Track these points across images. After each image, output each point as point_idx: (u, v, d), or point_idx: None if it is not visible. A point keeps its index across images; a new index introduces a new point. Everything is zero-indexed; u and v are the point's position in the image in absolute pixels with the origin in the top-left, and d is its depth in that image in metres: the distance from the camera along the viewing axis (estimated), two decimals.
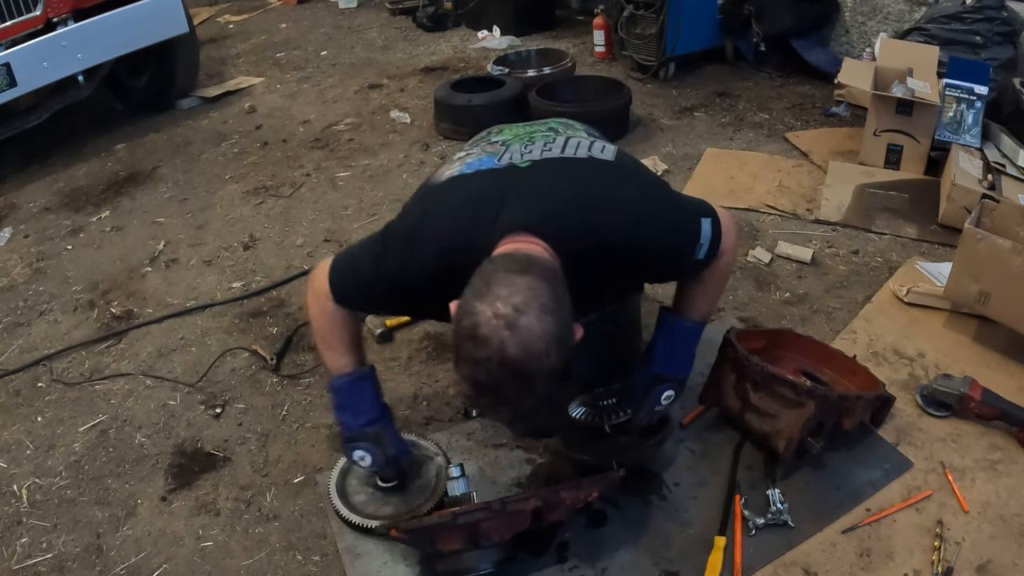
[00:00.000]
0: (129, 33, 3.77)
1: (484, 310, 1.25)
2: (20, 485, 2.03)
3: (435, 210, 1.57)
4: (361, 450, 1.69)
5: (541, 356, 1.26)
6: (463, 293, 1.31)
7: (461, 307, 1.29)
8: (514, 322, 1.24)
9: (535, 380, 1.28)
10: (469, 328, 1.26)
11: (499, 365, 1.24)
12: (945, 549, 1.61)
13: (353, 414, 1.70)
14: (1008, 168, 2.72)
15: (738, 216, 2.86)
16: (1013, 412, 1.85)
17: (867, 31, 3.92)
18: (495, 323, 1.24)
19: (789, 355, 1.99)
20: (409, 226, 1.58)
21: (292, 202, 3.29)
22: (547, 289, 1.29)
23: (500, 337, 1.23)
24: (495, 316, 1.24)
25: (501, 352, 1.23)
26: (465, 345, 1.26)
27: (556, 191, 1.49)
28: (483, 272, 1.32)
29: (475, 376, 1.27)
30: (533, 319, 1.25)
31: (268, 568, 1.74)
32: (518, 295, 1.25)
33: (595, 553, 1.67)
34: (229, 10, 6.50)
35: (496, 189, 1.50)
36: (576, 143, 1.60)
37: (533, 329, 1.24)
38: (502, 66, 4.11)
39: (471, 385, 1.29)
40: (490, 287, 1.28)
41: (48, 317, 2.71)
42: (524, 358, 1.24)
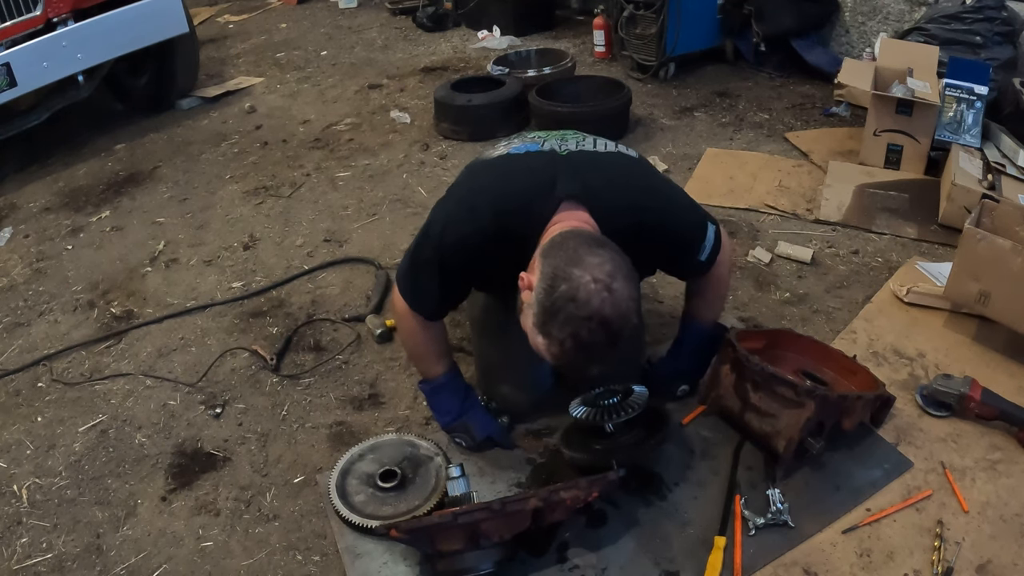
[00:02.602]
0: (129, 33, 3.77)
1: (582, 275, 1.40)
2: (20, 485, 2.03)
3: (490, 178, 1.74)
4: (457, 438, 1.95)
5: (630, 315, 1.43)
6: (544, 262, 1.45)
7: (552, 275, 1.42)
8: (610, 286, 1.40)
9: (623, 337, 1.44)
10: (570, 291, 1.39)
11: (599, 324, 1.39)
12: (945, 549, 1.61)
13: (439, 413, 1.97)
14: (1008, 168, 2.72)
15: (738, 216, 2.87)
16: (1013, 412, 1.85)
17: (867, 31, 3.92)
18: (594, 287, 1.39)
19: (789, 355, 1.99)
20: (464, 195, 1.73)
21: (292, 202, 3.29)
22: (625, 260, 1.46)
23: (601, 298, 1.39)
24: (593, 281, 1.39)
25: (600, 312, 1.39)
26: (566, 307, 1.40)
27: (599, 173, 1.67)
28: (564, 245, 1.47)
29: (577, 332, 1.40)
30: (622, 284, 1.42)
31: (268, 568, 1.74)
32: (608, 263, 1.42)
33: (595, 553, 1.67)
34: (229, 10, 6.50)
35: (548, 164, 1.66)
36: (604, 142, 1.78)
37: (623, 292, 1.42)
38: (502, 66, 4.11)
39: (572, 341, 1.41)
40: (581, 255, 1.43)
41: (48, 317, 2.71)
42: (617, 317, 1.40)
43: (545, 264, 1.46)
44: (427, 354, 1.91)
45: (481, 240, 1.64)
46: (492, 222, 1.62)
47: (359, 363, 2.33)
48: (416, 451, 1.93)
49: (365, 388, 2.23)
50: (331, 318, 2.53)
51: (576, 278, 1.40)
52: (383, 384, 2.24)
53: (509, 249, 1.60)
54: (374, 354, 2.36)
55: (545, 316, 1.43)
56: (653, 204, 1.69)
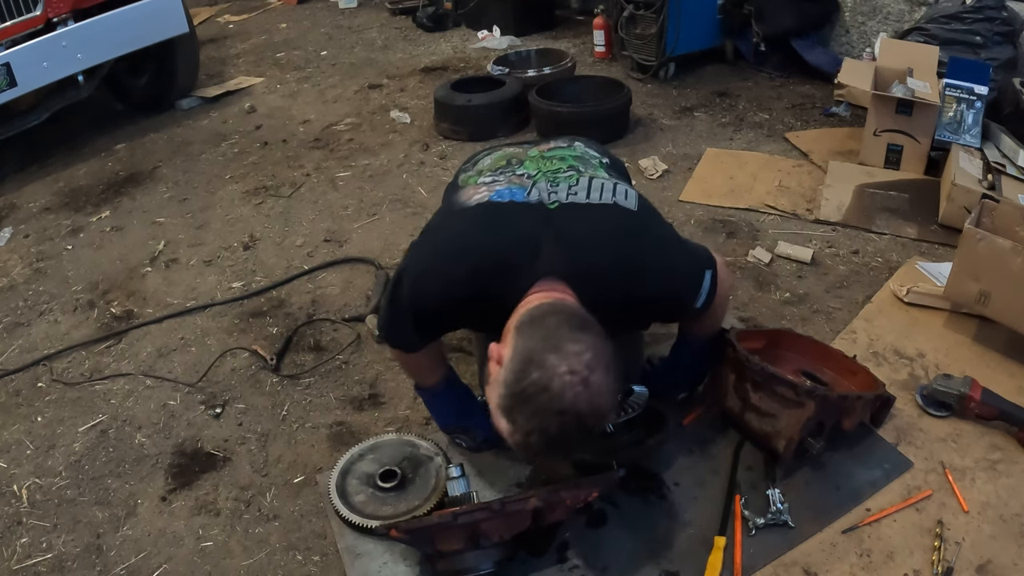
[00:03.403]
0: (129, 33, 3.77)
1: (558, 364, 1.30)
2: (20, 485, 2.03)
3: (469, 233, 1.60)
4: (457, 439, 1.95)
5: (605, 411, 1.35)
6: (519, 341, 1.35)
7: (526, 358, 1.32)
8: (587, 379, 1.30)
9: (594, 430, 1.37)
10: (542, 381, 1.29)
11: (571, 419, 1.30)
12: (945, 549, 1.61)
13: (439, 416, 1.96)
14: (1008, 168, 2.72)
15: (738, 216, 2.87)
16: (1013, 412, 1.85)
17: (867, 31, 3.92)
18: (570, 379, 1.29)
19: (789, 355, 1.99)
20: (439, 248, 1.62)
21: (292, 202, 3.29)
22: (605, 347, 1.35)
23: (574, 392, 1.29)
24: (570, 372, 1.29)
25: (575, 406, 1.29)
26: (537, 397, 1.30)
27: (588, 244, 1.54)
28: (544, 323, 1.37)
29: (545, 427, 1.31)
30: (601, 377, 1.32)
31: (268, 568, 1.74)
32: (588, 353, 1.32)
33: (595, 553, 1.67)
34: (229, 10, 6.50)
35: (531, 225, 1.54)
36: (600, 185, 1.63)
37: (601, 386, 1.32)
38: (502, 66, 4.11)
39: (539, 435, 1.32)
40: (560, 341, 1.32)
41: (48, 317, 2.71)
42: (591, 412, 1.32)
43: (519, 342, 1.35)
44: (419, 369, 1.89)
45: (453, 300, 1.56)
46: (466, 284, 1.52)
47: (359, 363, 2.33)
48: (416, 451, 1.93)
49: (365, 388, 2.23)
50: (331, 318, 2.53)
51: (551, 367, 1.29)
52: (383, 384, 2.24)
53: (483, 308, 1.51)
54: (374, 354, 2.36)
55: (512, 401, 1.32)
56: (646, 277, 1.56)
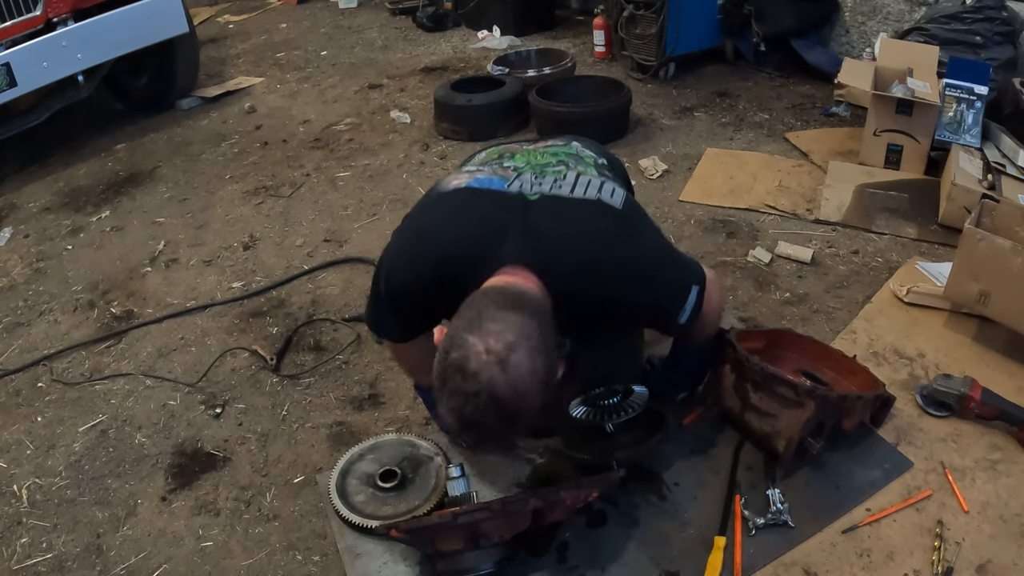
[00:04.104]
0: (129, 33, 3.77)
1: (475, 344, 1.24)
2: (20, 485, 2.03)
3: (440, 218, 1.58)
4: (458, 439, 1.91)
5: (527, 396, 1.26)
6: (451, 323, 1.31)
7: (450, 337, 1.28)
8: (505, 359, 1.23)
9: (519, 418, 1.28)
10: (458, 361, 1.25)
11: (487, 402, 1.24)
12: (945, 549, 1.61)
13: (438, 417, 1.93)
14: (1008, 168, 2.72)
15: (738, 216, 2.87)
16: (1013, 412, 1.84)
17: (867, 31, 3.92)
18: (486, 359, 1.23)
19: (789, 355, 1.99)
20: (412, 236, 1.60)
21: (292, 202, 3.29)
22: (537, 328, 1.29)
23: (490, 373, 1.23)
24: (487, 351, 1.24)
25: (490, 389, 1.23)
26: (453, 378, 1.25)
27: (561, 233, 1.48)
28: (474, 303, 1.32)
29: (461, 410, 1.26)
30: (523, 358, 1.25)
31: (268, 568, 1.74)
32: (510, 332, 1.25)
33: (595, 553, 1.67)
34: (229, 10, 6.50)
35: (504, 213, 1.49)
36: (587, 182, 1.57)
37: (522, 368, 1.24)
38: (502, 66, 4.11)
39: (455, 418, 1.28)
40: (482, 321, 1.27)
41: (48, 317, 2.71)
42: (511, 396, 1.24)
43: (451, 323, 1.32)
44: (416, 368, 1.89)
45: (420, 290, 1.53)
46: (432, 272, 1.50)
47: (359, 363, 2.33)
48: (416, 451, 1.93)
49: (365, 388, 2.23)
50: (331, 318, 2.53)
51: (468, 346, 1.25)
52: (383, 384, 2.24)
53: (452, 297, 1.44)
54: (374, 354, 2.36)
55: (437, 381, 1.29)
56: (622, 279, 1.49)
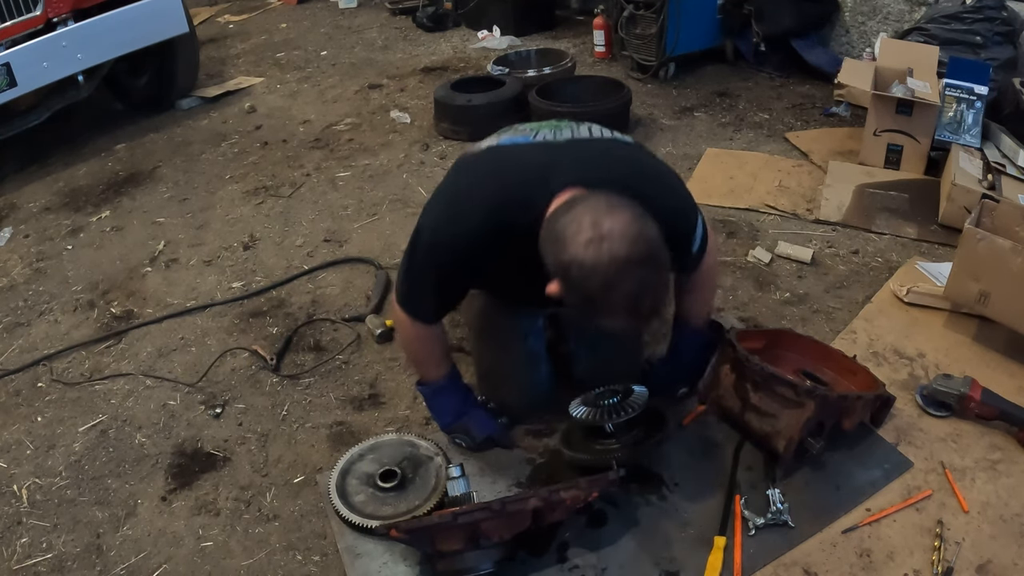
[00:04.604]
0: (129, 33, 3.76)
1: (597, 218, 1.35)
2: (20, 485, 2.03)
3: (479, 174, 1.67)
4: (457, 439, 1.96)
5: (657, 241, 1.38)
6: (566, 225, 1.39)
7: (574, 222, 1.37)
8: (623, 216, 1.36)
9: (660, 260, 1.39)
10: (581, 255, 1.34)
11: (624, 263, 1.33)
12: (945, 549, 1.61)
13: (439, 414, 1.97)
14: (1008, 168, 2.72)
15: (738, 216, 2.87)
16: (1013, 412, 1.85)
17: (867, 31, 3.92)
18: (593, 238, 1.34)
19: (789, 355, 1.99)
20: (452, 196, 1.68)
21: (292, 202, 3.29)
22: (632, 202, 1.42)
23: (597, 228, 1.34)
24: (593, 236, 1.34)
25: (603, 235, 1.33)
26: (589, 273, 1.34)
27: (598, 156, 1.66)
28: (575, 206, 1.41)
29: (614, 288, 1.34)
30: (637, 217, 1.38)
31: (268, 568, 1.74)
32: (615, 207, 1.38)
33: (595, 553, 1.67)
34: (229, 10, 6.49)
35: (539, 157, 1.61)
36: (599, 129, 1.75)
37: (640, 221, 1.38)
38: (502, 66, 4.11)
39: (621, 299, 1.35)
40: (591, 208, 1.38)
41: (48, 317, 2.71)
42: (628, 233, 1.35)
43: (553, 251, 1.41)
44: (427, 359, 1.90)
45: (472, 240, 1.58)
46: (484, 220, 1.57)
47: (359, 363, 2.33)
48: (416, 451, 1.93)
49: (365, 388, 2.23)
50: (331, 318, 2.53)
51: (576, 251, 1.35)
52: (383, 384, 2.24)
53: (505, 246, 1.55)
54: (374, 354, 2.36)
55: (590, 307, 1.39)
56: (649, 190, 1.58)
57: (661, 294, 1.42)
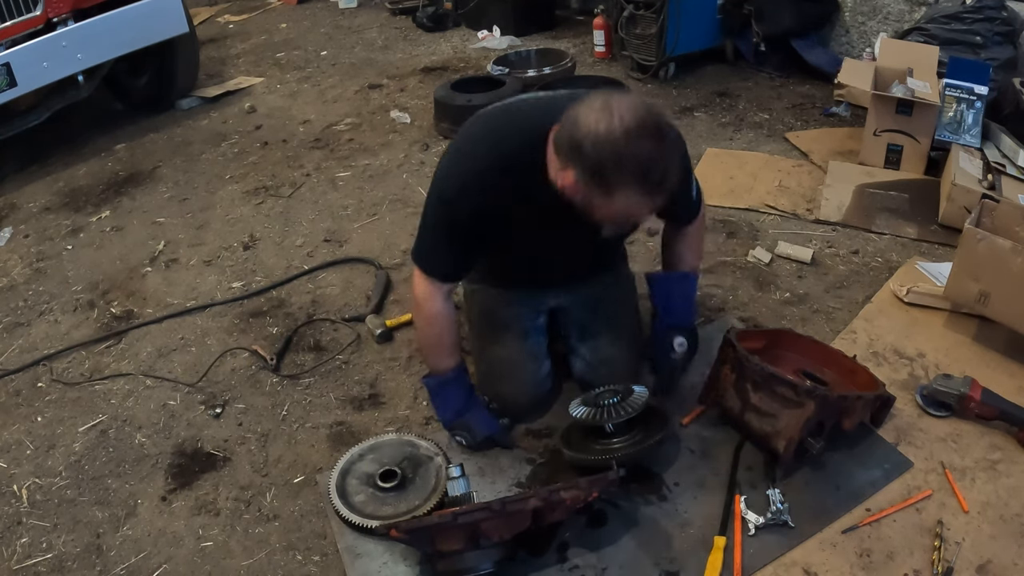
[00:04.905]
0: (129, 33, 3.76)
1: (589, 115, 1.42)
2: (20, 485, 2.03)
3: (486, 123, 1.74)
4: (458, 436, 1.95)
5: (664, 118, 1.46)
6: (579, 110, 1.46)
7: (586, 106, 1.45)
8: (616, 106, 1.43)
9: (663, 122, 1.45)
10: (591, 132, 1.41)
11: (635, 133, 1.39)
12: (945, 549, 1.61)
13: (442, 409, 1.97)
14: (1008, 168, 2.72)
15: (738, 216, 2.87)
16: (1013, 412, 1.85)
17: (867, 31, 3.92)
18: (602, 112, 1.42)
19: (789, 355, 1.99)
20: (461, 144, 1.74)
21: (292, 202, 3.29)
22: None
23: (618, 118, 1.41)
24: (602, 110, 1.42)
25: (624, 125, 1.40)
26: (600, 146, 1.40)
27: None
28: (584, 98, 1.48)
29: (626, 156, 1.40)
30: (621, 96, 1.46)
31: (268, 568, 1.74)
32: (624, 94, 1.47)
33: (595, 553, 1.67)
34: (229, 10, 6.49)
35: (541, 100, 1.68)
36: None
37: (625, 99, 1.45)
38: (502, 66, 4.11)
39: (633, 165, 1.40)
40: (601, 95, 1.46)
41: (48, 317, 2.71)
42: (640, 109, 1.42)
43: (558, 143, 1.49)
44: (439, 345, 1.90)
45: (480, 177, 1.66)
46: (490, 157, 1.65)
47: (359, 363, 2.33)
48: (416, 451, 1.93)
49: (365, 388, 2.23)
50: (331, 318, 2.53)
51: (589, 124, 1.42)
52: (383, 384, 2.24)
53: (515, 179, 1.62)
54: (374, 354, 2.36)
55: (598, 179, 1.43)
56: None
57: (670, 168, 1.47)
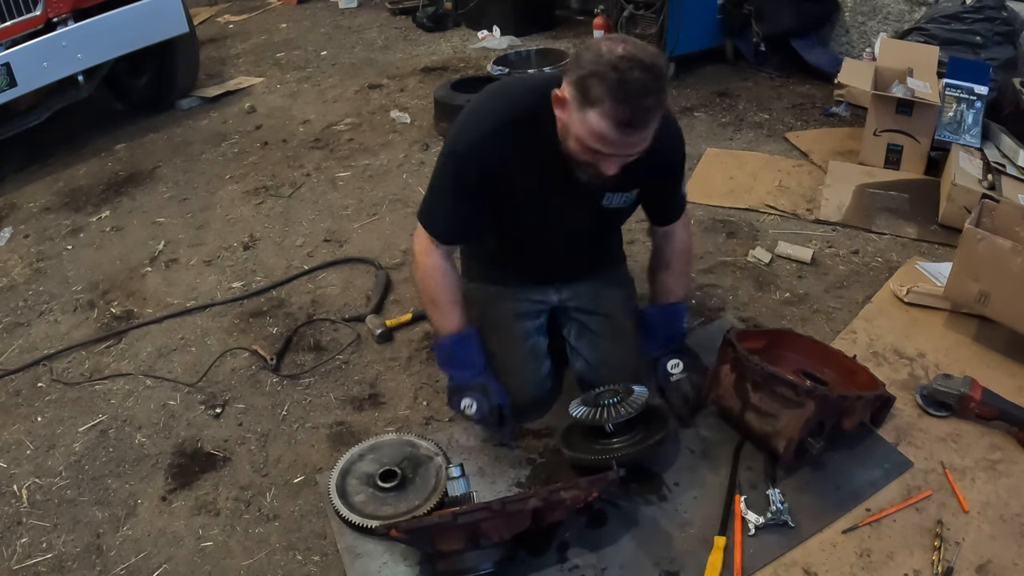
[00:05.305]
0: (129, 33, 3.76)
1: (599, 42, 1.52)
2: (20, 485, 2.03)
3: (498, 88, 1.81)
4: (468, 398, 1.87)
5: (656, 55, 1.52)
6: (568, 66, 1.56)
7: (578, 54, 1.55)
8: (625, 39, 1.53)
9: (661, 74, 1.51)
10: (594, 50, 1.50)
11: (631, 58, 1.47)
12: (945, 549, 1.61)
13: (460, 368, 1.91)
14: (1008, 168, 2.73)
15: (738, 216, 2.87)
16: (1013, 412, 1.85)
17: (867, 31, 3.92)
18: (612, 41, 1.51)
19: (789, 355, 2.00)
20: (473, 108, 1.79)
21: (292, 202, 3.29)
22: None
23: (622, 45, 1.50)
24: (610, 40, 1.52)
25: (627, 51, 1.48)
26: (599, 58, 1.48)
27: None
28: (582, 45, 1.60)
29: (618, 68, 1.46)
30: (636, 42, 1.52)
31: (268, 568, 1.74)
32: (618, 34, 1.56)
33: (595, 553, 1.67)
34: (229, 10, 6.49)
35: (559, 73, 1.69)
36: None
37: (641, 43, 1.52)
38: (502, 66, 4.11)
39: (617, 77, 1.46)
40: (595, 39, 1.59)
41: (48, 317, 2.71)
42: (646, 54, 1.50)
43: (568, 66, 1.56)
44: (441, 297, 1.90)
45: (495, 132, 1.70)
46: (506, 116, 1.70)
47: (359, 363, 2.33)
48: (416, 451, 1.93)
49: (365, 388, 2.23)
50: (331, 318, 2.53)
51: (595, 46, 1.51)
52: (383, 384, 2.24)
53: (524, 137, 1.67)
54: (374, 354, 2.36)
55: (583, 85, 1.50)
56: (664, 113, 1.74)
57: (650, 110, 1.51)
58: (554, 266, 2.04)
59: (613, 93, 1.47)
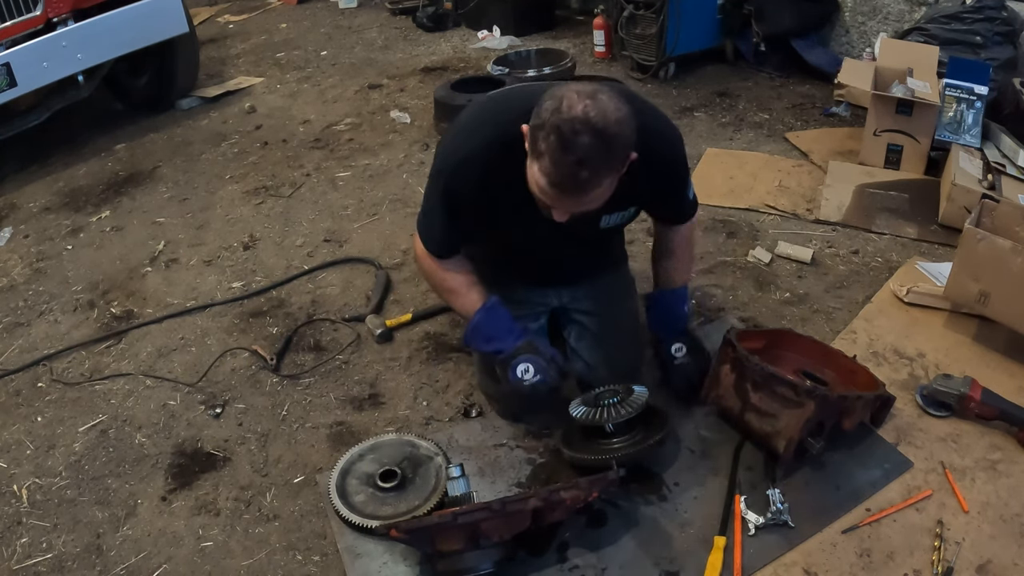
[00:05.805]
0: (129, 33, 3.76)
1: (567, 90, 1.46)
2: (20, 485, 2.03)
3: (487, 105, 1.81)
4: (524, 362, 1.82)
5: (619, 123, 1.45)
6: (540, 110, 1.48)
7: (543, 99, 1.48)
8: (594, 96, 1.45)
9: (614, 144, 1.45)
10: (556, 100, 1.45)
11: (582, 123, 1.42)
12: (945, 549, 1.61)
13: (503, 336, 1.86)
14: (1008, 168, 2.73)
15: (738, 216, 2.87)
16: (1013, 412, 1.85)
17: (867, 31, 3.92)
18: (576, 97, 1.44)
19: (789, 355, 1.99)
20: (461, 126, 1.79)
21: (292, 202, 3.29)
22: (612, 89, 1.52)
23: (584, 103, 1.43)
24: (577, 93, 1.45)
25: (585, 112, 1.43)
26: (551, 118, 1.44)
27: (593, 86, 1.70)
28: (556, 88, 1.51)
29: (561, 131, 1.42)
30: (608, 98, 1.47)
31: (268, 568, 1.74)
32: (593, 86, 1.50)
33: (595, 553, 1.67)
34: (229, 10, 6.49)
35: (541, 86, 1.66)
36: None
37: (611, 102, 1.46)
38: (502, 66, 4.10)
39: (557, 140, 1.42)
40: (568, 86, 1.49)
41: (48, 317, 2.71)
42: (603, 120, 1.43)
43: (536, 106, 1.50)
44: (459, 285, 1.89)
45: (484, 151, 1.68)
46: (494, 134, 1.67)
47: (359, 363, 2.33)
48: (416, 451, 1.93)
49: (365, 388, 2.23)
50: (331, 318, 2.53)
51: (560, 95, 1.46)
52: (383, 384, 2.24)
53: (512, 156, 1.60)
54: (374, 354, 2.36)
55: (534, 135, 1.47)
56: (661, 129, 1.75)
57: (587, 181, 1.47)
58: (554, 271, 2.04)
59: (552, 154, 1.44)
